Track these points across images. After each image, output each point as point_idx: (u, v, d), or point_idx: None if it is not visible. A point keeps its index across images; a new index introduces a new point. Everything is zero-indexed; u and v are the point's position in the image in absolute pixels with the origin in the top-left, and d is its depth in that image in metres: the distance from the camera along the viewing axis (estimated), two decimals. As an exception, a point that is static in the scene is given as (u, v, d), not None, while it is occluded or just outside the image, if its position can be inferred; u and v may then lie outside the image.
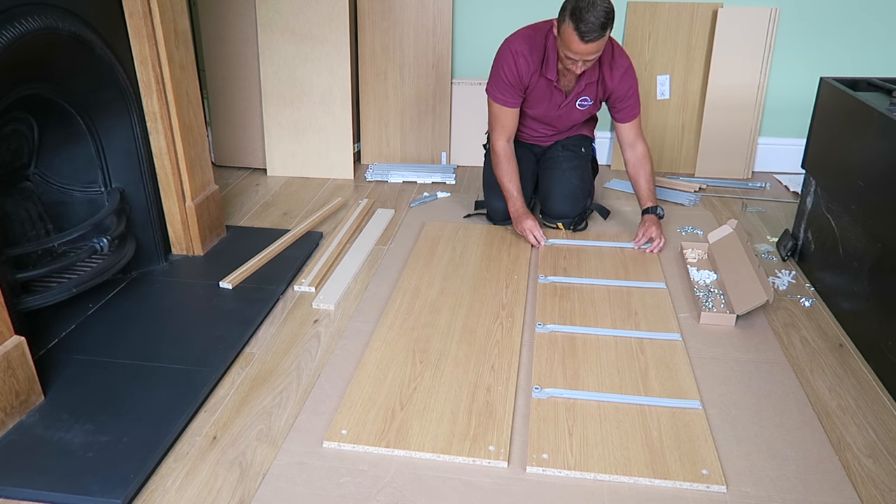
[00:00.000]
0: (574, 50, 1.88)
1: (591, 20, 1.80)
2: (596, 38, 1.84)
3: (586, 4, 1.80)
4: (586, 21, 1.80)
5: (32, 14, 1.44)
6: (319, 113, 2.77)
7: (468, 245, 2.21)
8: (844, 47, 2.73)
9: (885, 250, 1.64)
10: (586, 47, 1.86)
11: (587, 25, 1.81)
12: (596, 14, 1.80)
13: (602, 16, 1.81)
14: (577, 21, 1.81)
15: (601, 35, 1.84)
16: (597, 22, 1.81)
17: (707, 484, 1.27)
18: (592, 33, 1.83)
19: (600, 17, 1.81)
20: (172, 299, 1.90)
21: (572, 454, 1.34)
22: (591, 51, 1.88)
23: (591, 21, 1.81)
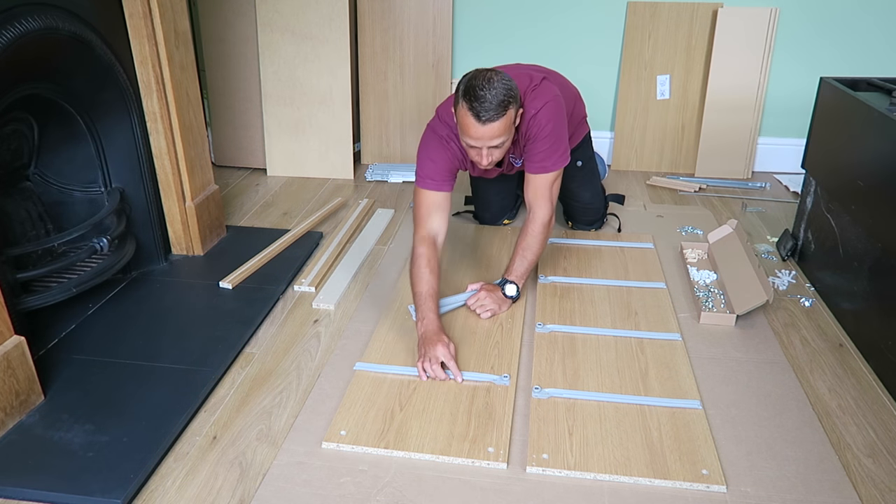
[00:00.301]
0: (472, 135, 1.59)
1: (487, 97, 1.54)
2: (494, 118, 1.56)
3: (481, 82, 1.55)
4: (482, 99, 1.54)
5: (32, 14, 1.44)
6: (319, 113, 2.77)
7: (468, 245, 2.21)
8: (844, 47, 2.73)
9: (885, 250, 1.63)
10: (485, 129, 1.57)
11: (483, 104, 1.54)
12: (493, 91, 1.54)
13: (500, 93, 1.55)
14: (471, 100, 1.55)
15: (500, 114, 1.56)
16: (494, 100, 1.54)
17: (707, 484, 1.27)
18: (489, 112, 1.55)
19: (498, 94, 1.54)
20: (172, 299, 1.90)
21: (572, 454, 1.34)
22: (492, 133, 1.58)
23: (488, 99, 1.54)
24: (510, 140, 1.67)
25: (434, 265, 1.70)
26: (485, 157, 1.65)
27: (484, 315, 1.78)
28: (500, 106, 1.56)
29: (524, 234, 1.83)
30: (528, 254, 1.83)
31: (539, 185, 1.82)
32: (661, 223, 2.40)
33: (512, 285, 1.82)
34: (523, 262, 1.83)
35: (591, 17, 2.81)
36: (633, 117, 2.90)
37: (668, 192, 2.72)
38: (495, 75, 1.58)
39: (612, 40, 2.84)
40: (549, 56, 2.87)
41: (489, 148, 1.63)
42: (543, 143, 1.78)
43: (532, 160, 1.81)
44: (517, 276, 1.83)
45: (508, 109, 1.58)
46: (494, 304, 1.79)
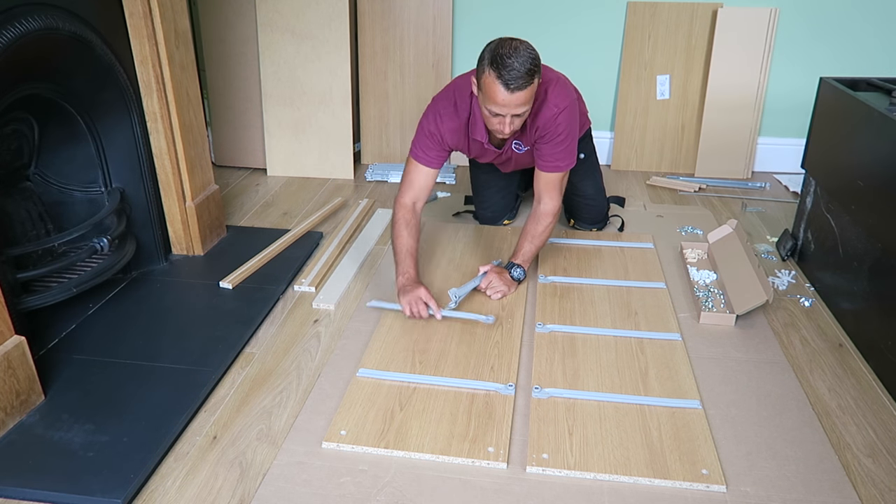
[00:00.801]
0: (499, 102, 1.62)
1: (515, 66, 1.57)
2: (523, 86, 1.60)
3: (508, 50, 1.58)
4: (510, 67, 1.57)
5: (32, 14, 1.44)
6: (319, 113, 2.77)
7: (468, 245, 2.21)
8: (844, 47, 2.73)
9: (885, 250, 1.64)
10: (513, 97, 1.61)
11: (511, 72, 1.57)
12: (520, 60, 1.58)
13: (527, 62, 1.58)
14: (499, 69, 1.58)
15: (528, 83, 1.60)
16: (522, 68, 1.58)
17: (707, 483, 1.27)
18: (518, 80, 1.58)
19: (525, 62, 1.58)
20: (172, 299, 1.90)
21: (572, 454, 1.34)
22: (519, 101, 1.63)
23: (516, 67, 1.57)
24: (530, 109, 1.72)
25: (413, 227, 1.87)
26: (508, 125, 1.69)
27: (495, 296, 1.87)
28: (528, 74, 1.59)
29: (533, 221, 1.93)
30: (536, 240, 1.93)
31: (550, 179, 1.91)
32: (661, 223, 2.40)
33: (519, 268, 1.91)
34: (531, 247, 1.93)
35: (591, 16, 2.81)
36: (633, 117, 2.90)
37: (668, 192, 2.72)
38: (520, 44, 1.61)
39: (612, 40, 2.84)
40: (549, 56, 2.85)
41: (513, 116, 1.67)
42: (559, 145, 1.85)
43: (546, 159, 1.88)
44: (524, 259, 1.93)
45: (535, 78, 1.62)
46: (504, 286, 1.88)
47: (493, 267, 1.92)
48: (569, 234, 2.30)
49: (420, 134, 1.89)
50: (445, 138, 1.87)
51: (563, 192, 1.95)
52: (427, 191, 1.92)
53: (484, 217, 2.37)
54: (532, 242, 1.93)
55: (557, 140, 1.84)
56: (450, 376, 1.56)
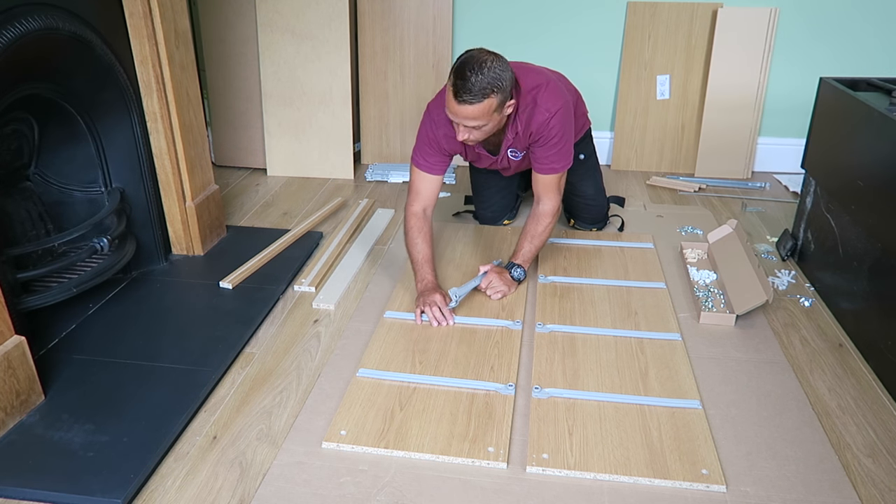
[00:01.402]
0: (450, 109, 1.64)
1: (471, 80, 1.56)
2: (471, 101, 1.58)
3: (473, 64, 1.57)
4: (465, 79, 1.56)
5: (32, 14, 1.44)
6: (319, 113, 2.77)
7: (468, 245, 2.21)
8: (844, 47, 2.73)
9: (885, 250, 1.64)
10: (460, 108, 1.61)
11: (465, 85, 1.57)
12: (479, 77, 1.56)
13: (487, 81, 1.57)
14: (455, 78, 1.59)
15: (478, 100, 1.58)
16: (477, 84, 1.56)
17: (707, 484, 1.27)
18: (466, 94, 1.58)
19: (483, 80, 1.56)
20: (172, 299, 1.90)
21: (572, 454, 1.33)
22: (466, 114, 1.62)
23: (472, 82, 1.56)
24: (492, 126, 1.71)
25: (426, 234, 1.88)
26: (461, 132, 1.70)
27: (495, 296, 1.87)
28: (480, 93, 1.58)
29: (533, 221, 1.93)
30: (536, 240, 1.93)
31: (547, 181, 1.90)
32: (661, 223, 2.40)
33: (519, 269, 1.91)
34: (531, 247, 1.93)
35: (591, 17, 2.81)
36: (633, 117, 2.90)
37: (668, 192, 2.72)
38: (490, 61, 1.59)
39: (612, 40, 2.84)
40: (549, 56, 2.86)
41: (465, 126, 1.68)
42: (553, 147, 1.84)
43: (541, 162, 1.88)
44: (524, 259, 1.92)
45: (488, 97, 1.60)
46: (504, 286, 1.87)
47: (493, 267, 1.91)
48: (569, 234, 2.30)
49: (419, 141, 1.89)
50: (443, 144, 1.86)
51: (562, 191, 1.95)
52: (435, 197, 1.92)
53: (484, 217, 2.38)
54: (532, 242, 1.92)
55: (551, 143, 1.83)
56: (450, 376, 1.56)
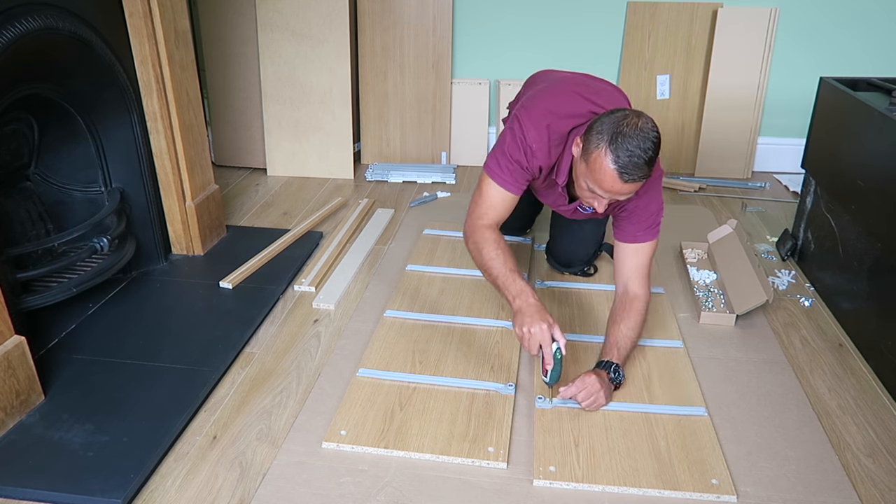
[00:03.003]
0: (605, 188, 1.40)
1: (636, 153, 1.34)
2: (639, 179, 1.37)
3: (631, 129, 1.35)
4: (630, 154, 1.34)
5: (32, 14, 1.44)
6: (319, 113, 2.77)
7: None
8: (844, 47, 2.73)
9: (884, 250, 1.64)
10: (624, 187, 1.38)
11: (631, 160, 1.34)
12: (644, 144, 1.34)
13: (650, 149, 1.35)
14: (617, 152, 1.34)
15: (646, 175, 1.37)
16: (643, 157, 1.34)
17: (717, 494, 1.26)
18: (636, 172, 1.35)
19: (647, 150, 1.34)
20: (172, 299, 1.90)
21: (579, 466, 1.32)
22: (629, 191, 1.41)
23: (637, 155, 1.34)
24: None
25: (506, 247, 1.58)
26: (603, 206, 1.47)
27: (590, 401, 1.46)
28: (648, 165, 1.36)
29: (629, 316, 1.59)
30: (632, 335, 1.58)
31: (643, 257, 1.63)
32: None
33: (620, 370, 1.52)
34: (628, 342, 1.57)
35: (591, 16, 2.81)
36: (633, 117, 2.89)
37: (668, 191, 2.72)
38: (646, 124, 1.37)
39: (612, 40, 2.84)
40: (549, 56, 2.87)
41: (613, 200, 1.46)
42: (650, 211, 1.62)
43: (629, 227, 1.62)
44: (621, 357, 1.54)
45: (652, 167, 1.39)
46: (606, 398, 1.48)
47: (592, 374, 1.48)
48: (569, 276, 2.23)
49: (506, 160, 1.60)
50: (534, 172, 1.62)
51: None
52: (508, 215, 1.67)
53: (511, 229, 2.18)
54: (629, 338, 1.57)
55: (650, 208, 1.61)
56: (450, 376, 1.56)
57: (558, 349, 1.43)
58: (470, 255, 1.63)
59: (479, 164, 3.00)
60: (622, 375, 1.52)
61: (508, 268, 1.53)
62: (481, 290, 1.93)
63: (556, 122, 1.57)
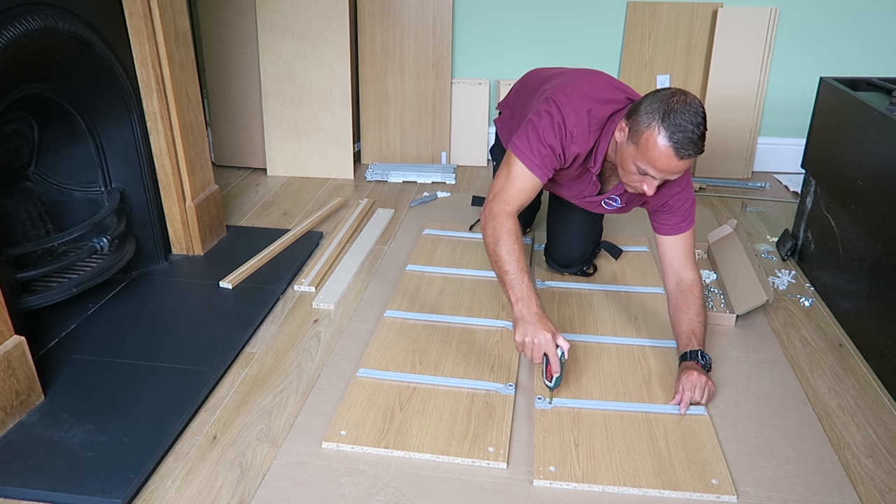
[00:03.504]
0: (660, 167, 1.38)
1: (689, 129, 1.34)
2: (694, 154, 1.36)
3: (682, 106, 1.35)
4: (684, 130, 1.34)
5: (32, 14, 1.44)
6: (319, 113, 2.77)
7: (468, 245, 2.21)
8: (844, 47, 2.73)
9: (884, 250, 1.63)
10: (679, 164, 1.37)
11: (685, 136, 1.34)
12: (695, 119, 1.35)
13: (701, 123, 1.35)
14: (671, 128, 1.34)
15: (700, 149, 1.37)
16: (696, 132, 1.34)
17: (718, 494, 1.26)
18: (691, 147, 1.35)
19: (699, 125, 1.35)
20: (172, 299, 1.90)
21: (579, 466, 1.32)
22: (682, 168, 1.39)
23: (690, 130, 1.34)
24: None
25: (522, 244, 1.53)
26: (653, 188, 1.45)
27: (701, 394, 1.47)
28: (701, 139, 1.36)
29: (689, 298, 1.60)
30: (700, 318, 1.59)
31: (683, 244, 1.64)
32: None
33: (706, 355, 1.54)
34: (700, 327, 1.58)
35: (591, 16, 2.81)
36: (633, 117, 2.90)
37: (668, 191, 2.72)
38: (693, 100, 1.38)
39: (612, 40, 2.84)
40: (549, 56, 2.87)
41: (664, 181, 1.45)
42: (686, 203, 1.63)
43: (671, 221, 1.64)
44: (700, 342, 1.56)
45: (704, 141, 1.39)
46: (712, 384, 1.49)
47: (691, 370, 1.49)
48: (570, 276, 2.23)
49: (539, 143, 1.54)
50: (567, 159, 1.57)
51: None
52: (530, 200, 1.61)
53: None
54: (695, 322, 1.58)
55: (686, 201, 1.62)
56: (450, 376, 1.56)
57: (562, 354, 1.43)
58: (483, 238, 1.56)
59: (480, 164, 3.01)
60: (709, 357, 1.52)
61: (520, 267, 1.48)
62: (481, 290, 1.93)
63: (596, 108, 1.53)
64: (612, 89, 1.59)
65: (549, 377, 1.45)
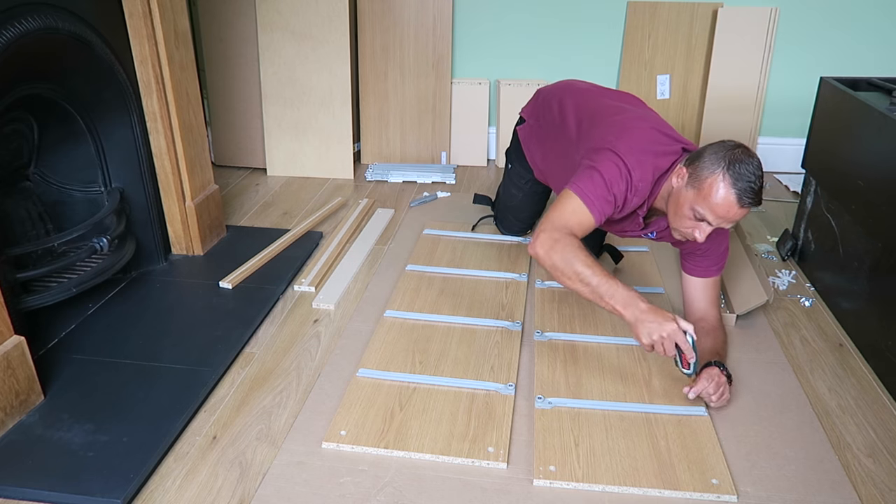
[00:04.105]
0: (720, 214, 1.41)
1: (752, 179, 1.39)
2: (753, 204, 1.41)
3: (745, 157, 1.41)
4: (747, 179, 1.39)
5: (32, 14, 1.44)
6: (319, 113, 2.77)
7: (468, 245, 2.21)
8: (844, 47, 2.73)
9: (885, 250, 1.63)
10: (739, 212, 1.42)
11: (749, 185, 1.39)
12: (757, 171, 1.40)
13: (761, 175, 1.41)
14: (736, 178, 1.39)
15: (759, 200, 1.42)
16: (758, 183, 1.40)
17: (718, 494, 1.26)
18: (752, 196, 1.40)
19: (759, 178, 1.40)
20: (172, 299, 1.90)
21: (579, 465, 1.32)
22: (738, 217, 1.44)
23: (753, 181, 1.39)
24: None
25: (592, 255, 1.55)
26: (705, 234, 1.47)
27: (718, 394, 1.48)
28: (761, 190, 1.42)
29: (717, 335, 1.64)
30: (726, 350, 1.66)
31: (715, 289, 1.70)
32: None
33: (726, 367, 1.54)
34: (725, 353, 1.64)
35: (591, 16, 2.81)
36: (633, 117, 2.89)
37: (668, 192, 2.72)
38: (753, 154, 1.44)
39: (612, 40, 2.84)
40: (549, 56, 2.87)
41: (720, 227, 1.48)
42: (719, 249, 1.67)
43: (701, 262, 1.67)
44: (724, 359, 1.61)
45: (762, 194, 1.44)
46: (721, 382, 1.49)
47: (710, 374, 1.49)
48: None
49: (605, 190, 1.55)
50: (626, 209, 1.60)
51: None
52: None
53: (515, 228, 2.26)
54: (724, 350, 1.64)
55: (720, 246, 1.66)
56: (450, 376, 1.56)
57: (692, 339, 1.43)
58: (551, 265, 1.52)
59: (479, 164, 3.01)
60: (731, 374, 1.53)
61: (605, 275, 1.49)
62: (481, 290, 1.93)
63: (658, 161, 1.56)
64: (669, 140, 1.61)
65: (686, 364, 1.45)
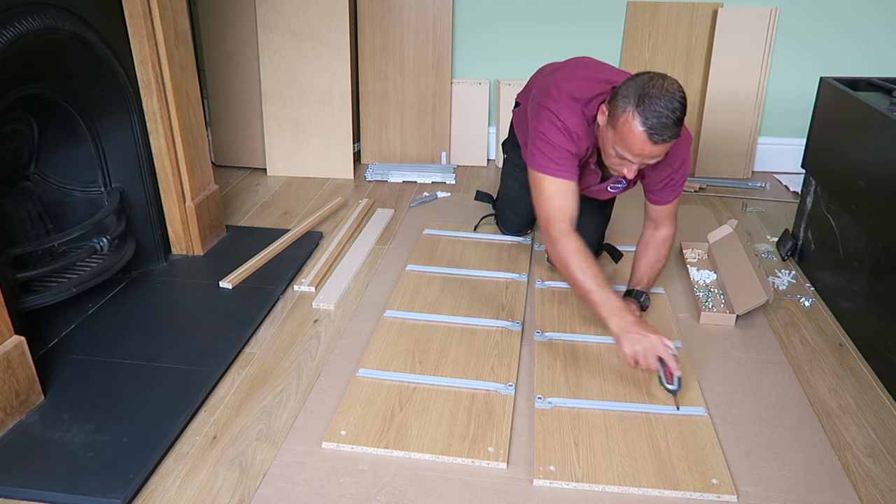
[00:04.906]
0: (635, 151, 1.41)
1: (664, 113, 1.35)
2: (668, 139, 1.38)
3: (657, 91, 1.36)
4: (658, 114, 1.35)
5: (32, 14, 1.44)
6: (319, 113, 2.77)
7: (468, 245, 2.21)
8: (844, 47, 2.73)
9: (885, 250, 1.64)
10: (654, 149, 1.40)
11: (660, 120, 1.35)
12: (671, 104, 1.35)
13: (678, 108, 1.36)
14: (645, 114, 1.36)
15: (675, 135, 1.38)
16: (671, 117, 1.35)
17: (717, 494, 1.26)
18: (665, 132, 1.36)
19: (676, 109, 1.35)
20: (172, 299, 1.90)
21: (579, 465, 1.32)
22: (658, 153, 1.42)
23: (665, 115, 1.35)
24: None
25: (591, 258, 1.56)
26: (633, 171, 1.49)
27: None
28: (677, 124, 1.37)
29: (654, 246, 1.71)
30: (659, 265, 1.72)
31: (669, 209, 1.72)
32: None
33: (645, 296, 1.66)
34: (653, 272, 1.72)
35: (592, 16, 2.81)
36: (633, 117, 2.89)
37: (668, 192, 2.72)
38: (672, 85, 1.38)
39: (612, 40, 2.84)
40: (549, 56, 2.86)
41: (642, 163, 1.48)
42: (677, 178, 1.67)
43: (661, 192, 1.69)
44: (646, 286, 1.70)
45: (681, 127, 1.40)
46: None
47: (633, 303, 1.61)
48: None
49: (556, 151, 1.57)
50: (581, 156, 1.62)
51: None
52: (577, 206, 1.61)
53: (514, 226, 2.25)
54: (653, 268, 1.71)
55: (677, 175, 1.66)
56: (450, 376, 1.56)
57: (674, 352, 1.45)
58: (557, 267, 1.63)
59: (479, 164, 3.01)
60: (648, 300, 1.64)
61: (599, 282, 1.50)
62: (481, 290, 1.93)
63: (586, 107, 1.58)
64: (600, 84, 1.60)
65: (670, 379, 1.45)
